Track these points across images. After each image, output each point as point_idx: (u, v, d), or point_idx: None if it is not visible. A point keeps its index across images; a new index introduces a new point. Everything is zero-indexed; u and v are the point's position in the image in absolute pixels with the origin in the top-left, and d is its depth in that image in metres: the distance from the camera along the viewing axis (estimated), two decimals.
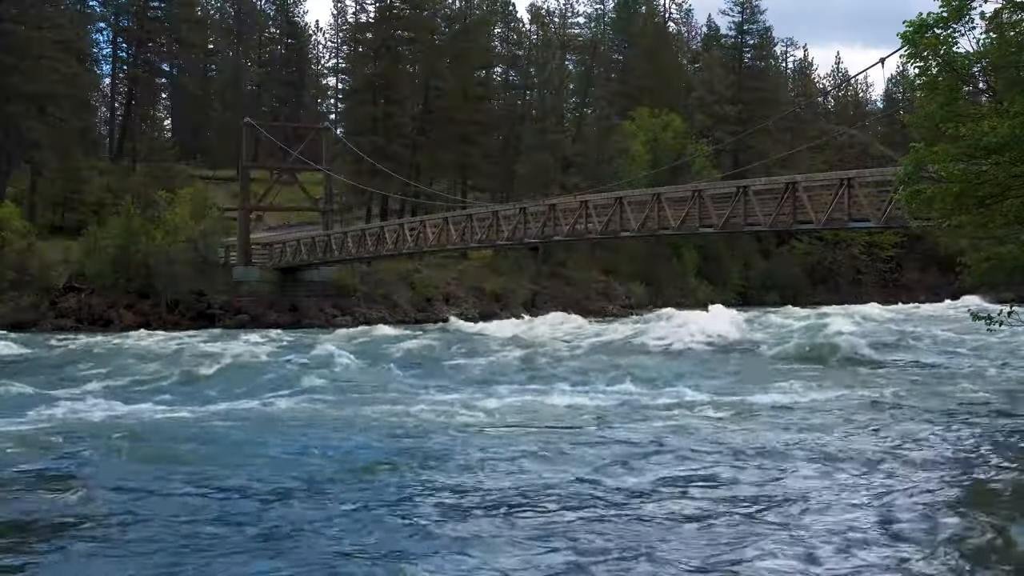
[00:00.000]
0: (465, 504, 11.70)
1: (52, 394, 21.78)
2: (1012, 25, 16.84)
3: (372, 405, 19.93)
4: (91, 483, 12.52)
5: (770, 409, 19.23)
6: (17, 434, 16.03)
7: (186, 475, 13.13)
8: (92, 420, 18.05)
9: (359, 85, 70.60)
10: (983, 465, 14.06)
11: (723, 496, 12.07)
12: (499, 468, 13.63)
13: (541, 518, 11.04)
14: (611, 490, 12.32)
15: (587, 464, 13.81)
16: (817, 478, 13.05)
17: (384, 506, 11.63)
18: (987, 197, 16.44)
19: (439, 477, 13.07)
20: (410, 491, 12.34)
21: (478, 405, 19.67)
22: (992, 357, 28.24)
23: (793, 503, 11.68)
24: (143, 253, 48.06)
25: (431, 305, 55.94)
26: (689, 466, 13.75)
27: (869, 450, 14.79)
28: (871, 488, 12.41)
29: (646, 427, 17.05)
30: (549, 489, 12.36)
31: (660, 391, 21.96)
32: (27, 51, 57.63)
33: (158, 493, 12.21)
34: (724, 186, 35.50)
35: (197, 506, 11.62)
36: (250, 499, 11.96)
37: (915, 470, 13.50)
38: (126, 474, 13.15)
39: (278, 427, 17.31)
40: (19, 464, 13.73)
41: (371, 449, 15.10)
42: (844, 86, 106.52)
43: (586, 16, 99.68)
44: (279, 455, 14.64)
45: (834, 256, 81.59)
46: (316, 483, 12.77)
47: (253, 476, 13.09)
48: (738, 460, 14.16)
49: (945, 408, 19.23)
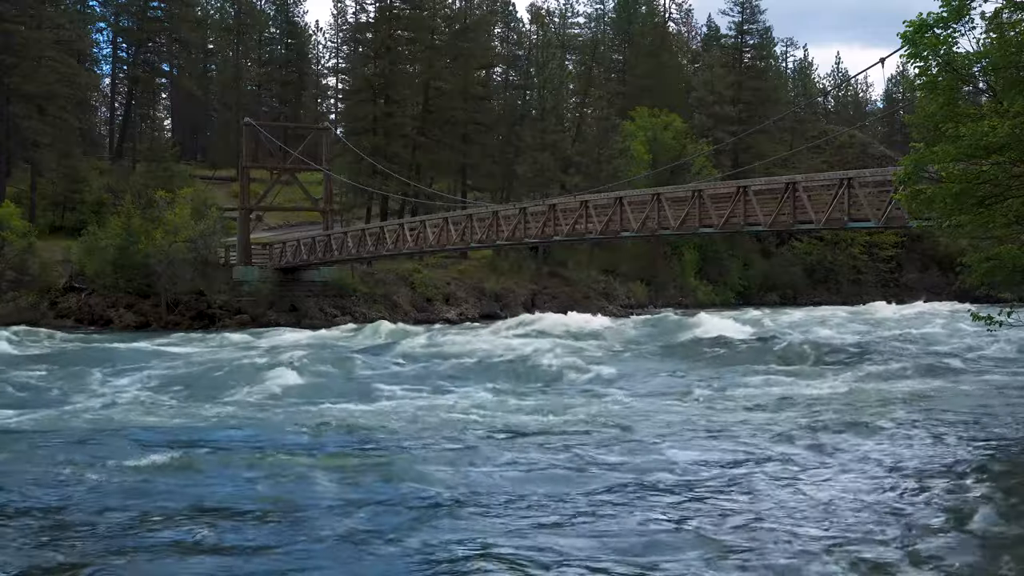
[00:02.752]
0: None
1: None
2: (1012, 25, 16.86)
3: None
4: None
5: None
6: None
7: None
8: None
9: (359, 85, 70.51)
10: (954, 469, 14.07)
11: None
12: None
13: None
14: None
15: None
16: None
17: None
18: (987, 197, 16.45)
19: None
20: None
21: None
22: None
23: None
24: (143, 253, 48.02)
25: (431, 305, 55.92)
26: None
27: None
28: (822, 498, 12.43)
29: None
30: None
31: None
32: (27, 51, 57.64)
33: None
34: (724, 186, 35.47)
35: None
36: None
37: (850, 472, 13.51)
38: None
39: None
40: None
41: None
42: (844, 86, 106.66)
43: (586, 16, 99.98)
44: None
45: (834, 256, 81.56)
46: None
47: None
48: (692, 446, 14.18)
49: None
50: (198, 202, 52.74)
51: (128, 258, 48.27)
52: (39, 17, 60.19)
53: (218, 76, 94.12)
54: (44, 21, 60.55)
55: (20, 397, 21.35)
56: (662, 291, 70.35)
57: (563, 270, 65.76)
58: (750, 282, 78.06)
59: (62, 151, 59.37)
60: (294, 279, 52.68)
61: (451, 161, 69.95)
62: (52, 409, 19.25)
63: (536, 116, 72.76)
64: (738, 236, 65.45)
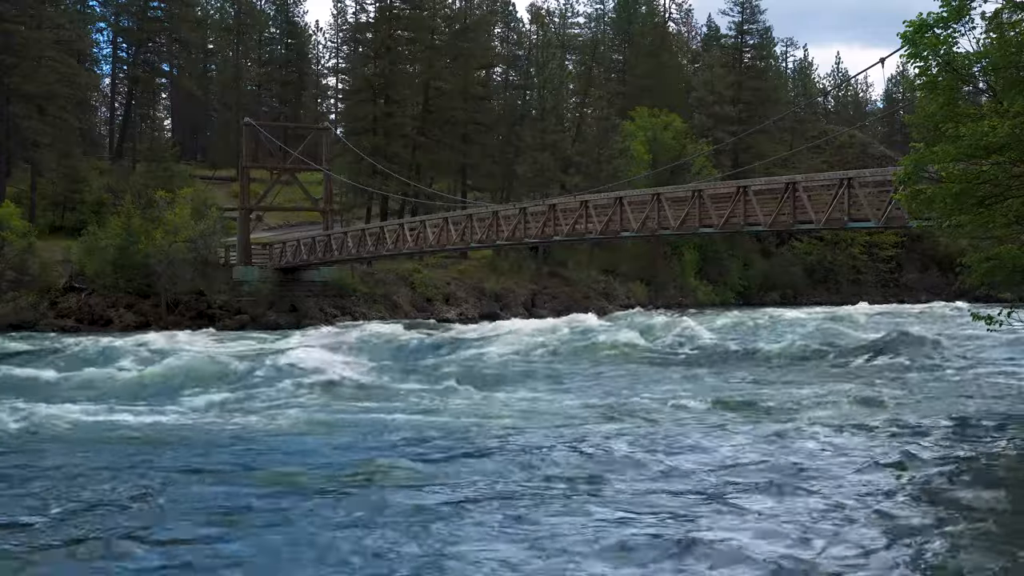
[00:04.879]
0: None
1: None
2: (1012, 25, 16.86)
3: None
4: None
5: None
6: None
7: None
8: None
9: (359, 85, 70.51)
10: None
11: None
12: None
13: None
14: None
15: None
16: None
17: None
18: (987, 197, 16.45)
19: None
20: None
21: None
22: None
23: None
24: (143, 253, 48.01)
25: (431, 305, 55.92)
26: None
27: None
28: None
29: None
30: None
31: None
32: (27, 51, 57.63)
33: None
34: (724, 186, 35.42)
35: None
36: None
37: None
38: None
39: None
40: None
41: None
42: (844, 86, 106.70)
43: (586, 16, 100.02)
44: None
45: (834, 256, 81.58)
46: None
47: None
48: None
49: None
50: (198, 202, 52.74)
51: (128, 258, 48.26)
52: (39, 17, 60.16)
53: (218, 76, 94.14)
54: (44, 21, 60.52)
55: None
56: (662, 291, 70.35)
57: (563, 270, 65.76)
58: (750, 282, 78.07)
59: (62, 151, 59.35)
60: (294, 279, 52.68)
61: (451, 161, 69.96)
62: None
63: (536, 116, 72.77)
64: (738, 236, 65.47)
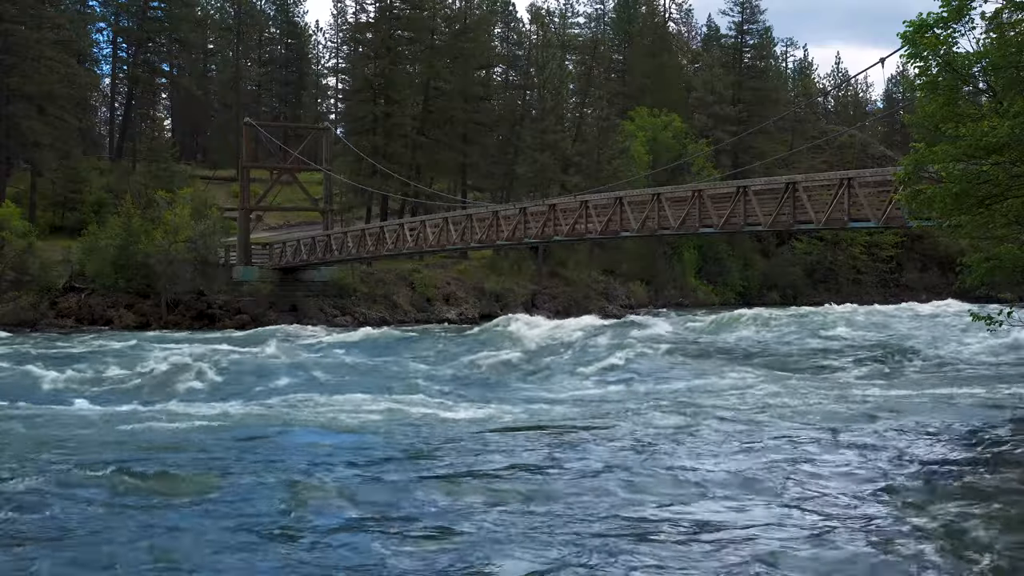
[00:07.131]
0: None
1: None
2: (1012, 25, 16.85)
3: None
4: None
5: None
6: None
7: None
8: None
9: (359, 85, 70.47)
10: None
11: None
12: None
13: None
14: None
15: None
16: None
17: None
18: (987, 197, 16.44)
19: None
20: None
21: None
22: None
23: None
24: (143, 253, 48.00)
25: (431, 305, 55.90)
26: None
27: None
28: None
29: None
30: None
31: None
32: (27, 51, 57.62)
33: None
34: (724, 186, 35.43)
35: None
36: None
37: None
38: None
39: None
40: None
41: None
42: (844, 86, 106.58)
43: (586, 16, 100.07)
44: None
45: (834, 256, 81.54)
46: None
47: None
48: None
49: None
50: (198, 202, 52.75)
51: (128, 258, 48.25)
52: (39, 17, 60.12)
53: (218, 76, 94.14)
54: (44, 21, 60.47)
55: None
56: (662, 291, 70.35)
57: (563, 270, 65.71)
58: (750, 282, 78.03)
59: (62, 151, 59.34)
60: (294, 279, 52.68)
61: (451, 161, 69.93)
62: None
63: (536, 116, 72.72)
64: (738, 236, 65.47)
